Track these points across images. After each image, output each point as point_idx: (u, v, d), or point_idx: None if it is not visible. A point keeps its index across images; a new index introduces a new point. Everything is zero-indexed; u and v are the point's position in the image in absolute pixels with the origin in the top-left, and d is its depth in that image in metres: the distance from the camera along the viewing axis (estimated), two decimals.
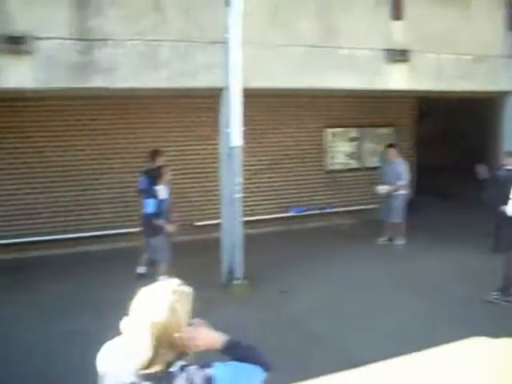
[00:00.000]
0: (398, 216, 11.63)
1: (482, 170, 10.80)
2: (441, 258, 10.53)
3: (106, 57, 8.20)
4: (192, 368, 2.40)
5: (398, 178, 11.54)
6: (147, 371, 2.38)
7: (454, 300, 8.54)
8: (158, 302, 2.40)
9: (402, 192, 11.59)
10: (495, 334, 7.17)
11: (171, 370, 2.39)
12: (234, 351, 2.54)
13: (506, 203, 8.30)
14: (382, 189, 11.59)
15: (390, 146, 12.12)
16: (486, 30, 11.29)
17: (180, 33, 8.58)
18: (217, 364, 2.45)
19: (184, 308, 2.47)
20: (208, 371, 2.40)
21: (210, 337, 2.55)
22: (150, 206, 8.87)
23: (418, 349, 6.81)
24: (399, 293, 8.92)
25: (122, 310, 2.69)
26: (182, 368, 2.40)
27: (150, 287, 2.49)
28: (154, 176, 9.10)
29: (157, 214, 8.83)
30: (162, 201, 8.97)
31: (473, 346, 6.95)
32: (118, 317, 2.63)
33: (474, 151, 11.01)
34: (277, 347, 6.95)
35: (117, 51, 8.23)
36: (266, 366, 2.59)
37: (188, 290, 2.53)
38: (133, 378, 2.38)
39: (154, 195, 8.90)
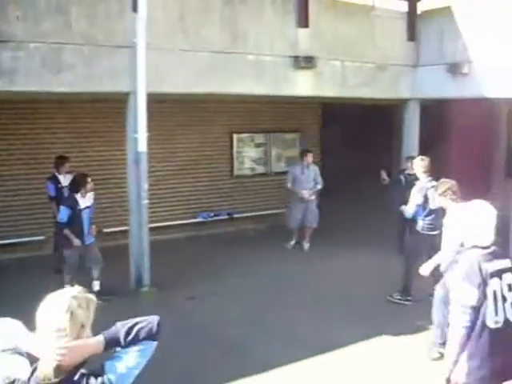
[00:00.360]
0: (316, 221, 11.85)
1: (384, 175, 11.15)
2: (348, 261, 10.77)
3: (5, 59, 7.92)
4: (91, 379, 2.40)
5: (317, 183, 11.78)
6: (51, 381, 2.35)
7: (360, 301, 8.75)
8: (58, 309, 2.39)
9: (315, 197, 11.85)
10: (398, 332, 7.43)
11: (74, 378, 2.39)
12: (117, 343, 2.52)
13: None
14: (305, 193, 11.70)
15: (307, 151, 12.20)
16: (388, 40, 11.71)
17: (85, 36, 8.40)
18: (107, 364, 2.47)
19: (85, 314, 2.44)
20: (101, 380, 2.41)
21: (87, 346, 2.47)
22: (63, 214, 8.67)
23: (324, 350, 6.96)
24: (307, 296, 9.06)
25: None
26: (82, 376, 2.40)
27: (51, 295, 2.47)
28: (75, 183, 8.85)
29: (68, 224, 8.62)
30: (81, 210, 8.74)
31: (376, 345, 7.16)
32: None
33: (379, 156, 11.34)
34: (184, 354, 6.94)
35: (18, 54, 7.96)
36: (153, 337, 2.64)
37: (91, 297, 2.52)
38: None
39: (71, 204, 8.68)
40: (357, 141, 16.10)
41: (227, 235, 13.23)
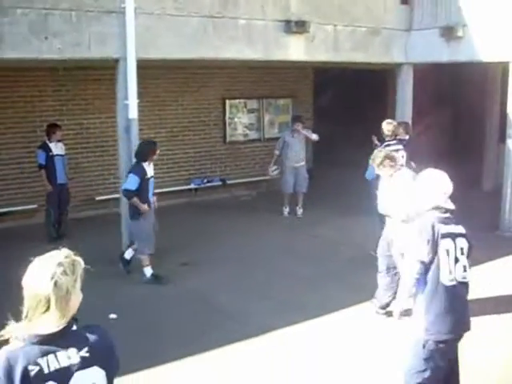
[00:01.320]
0: (306, 186, 11.93)
1: (375, 140, 11.08)
2: (339, 227, 10.78)
3: None
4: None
5: (304, 149, 11.86)
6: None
7: (349, 265, 8.81)
8: (42, 277, 2.38)
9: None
10: None
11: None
12: None
13: None
14: (273, 169, 11.79)
15: (297, 117, 12.24)
16: (381, 3, 11.56)
17: (72, 2, 8.24)
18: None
19: (71, 280, 2.43)
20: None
21: None
22: (132, 182, 8.05)
23: (316, 315, 7.02)
24: (300, 261, 9.08)
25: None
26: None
27: (37, 260, 2.45)
28: (142, 152, 8.23)
29: (136, 192, 8.11)
30: (149, 178, 8.36)
31: (367, 311, 7.21)
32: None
33: (372, 121, 11.28)
34: (177, 319, 6.99)
35: (4, 20, 7.80)
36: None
37: (77, 260, 2.49)
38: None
39: (140, 172, 8.15)
40: (350, 106, 16.04)
41: (220, 201, 13.23)
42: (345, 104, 16.41)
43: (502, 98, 11.55)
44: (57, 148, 10.11)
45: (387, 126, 9.34)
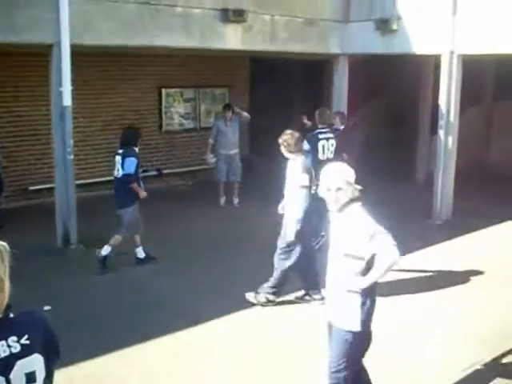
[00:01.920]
0: (239, 175, 12.01)
1: (304, 120, 11.12)
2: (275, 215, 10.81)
3: None
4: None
5: (237, 137, 11.92)
6: None
7: None
8: None
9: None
10: None
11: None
12: None
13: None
14: (211, 157, 11.82)
15: (228, 106, 12.26)
16: None
17: None
18: None
19: (2, 266, 2.33)
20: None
21: None
22: (132, 166, 8.21)
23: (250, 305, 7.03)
24: (236, 250, 9.08)
25: None
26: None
27: None
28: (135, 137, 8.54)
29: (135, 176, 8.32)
30: None
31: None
32: None
33: (308, 111, 11.38)
34: (116, 309, 6.90)
35: None
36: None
37: (4, 246, 2.39)
38: None
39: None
40: (286, 96, 16.09)
41: (157, 191, 13.02)
42: (281, 94, 16.46)
43: (435, 91, 11.81)
44: None
45: (316, 113, 9.41)
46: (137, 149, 8.35)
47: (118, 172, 8.25)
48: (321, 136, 9.15)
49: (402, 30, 11.06)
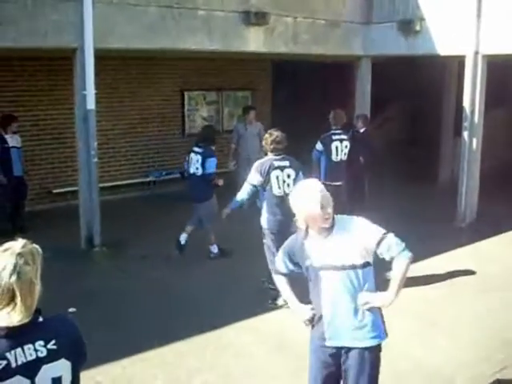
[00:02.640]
0: None
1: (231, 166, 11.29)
2: None
3: None
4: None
5: (261, 139, 11.85)
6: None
7: None
8: (4, 266, 2.31)
9: None
10: None
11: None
12: None
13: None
14: (233, 164, 11.74)
15: (250, 108, 12.24)
16: None
17: None
18: None
19: (33, 270, 2.37)
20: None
21: None
22: (213, 165, 8.86)
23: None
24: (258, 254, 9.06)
25: None
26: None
27: None
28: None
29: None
30: None
31: None
32: None
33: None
34: (138, 312, 6.92)
35: None
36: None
37: (36, 249, 2.43)
38: None
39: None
40: (308, 99, 16.06)
41: (180, 194, 13.10)
42: (303, 97, 16.43)
43: (458, 92, 11.72)
44: (13, 140, 9.89)
45: (330, 116, 9.46)
46: (213, 147, 8.97)
47: (198, 170, 8.78)
48: (334, 137, 9.23)
49: (426, 31, 10.99)
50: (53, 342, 2.37)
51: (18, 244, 2.39)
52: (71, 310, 6.59)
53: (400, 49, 11.49)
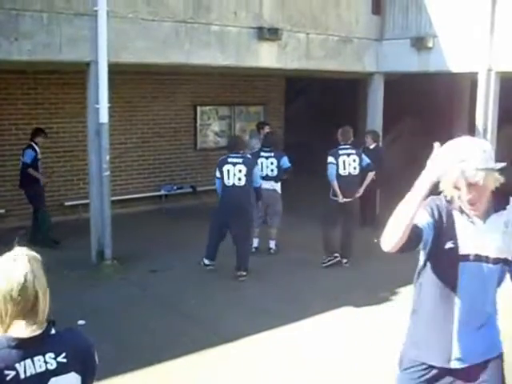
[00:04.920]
0: None
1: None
2: (311, 232, 10.75)
3: None
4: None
5: None
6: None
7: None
8: (13, 276, 2.28)
9: None
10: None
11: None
12: None
13: None
14: None
15: (263, 123, 12.27)
16: (353, 13, 11.66)
17: (43, 3, 8.14)
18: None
19: (43, 278, 2.35)
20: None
21: None
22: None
23: (288, 321, 7.00)
24: (268, 269, 9.05)
25: None
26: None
27: (3, 261, 2.33)
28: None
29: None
30: None
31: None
32: None
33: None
34: (147, 326, 6.91)
35: None
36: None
37: (38, 257, 2.39)
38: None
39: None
40: (321, 115, 16.09)
41: (191, 208, 13.15)
42: (315, 113, 16.47)
43: (471, 109, 11.69)
44: (39, 152, 10.03)
45: (339, 132, 9.49)
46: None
47: (273, 172, 9.73)
48: (341, 152, 9.22)
49: (438, 48, 11.00)
50: (63, 354, 2.35)
51: (22, 251, 2.37)
52: (80, 322, 6.60)
53: (412, 65, 11.50)
